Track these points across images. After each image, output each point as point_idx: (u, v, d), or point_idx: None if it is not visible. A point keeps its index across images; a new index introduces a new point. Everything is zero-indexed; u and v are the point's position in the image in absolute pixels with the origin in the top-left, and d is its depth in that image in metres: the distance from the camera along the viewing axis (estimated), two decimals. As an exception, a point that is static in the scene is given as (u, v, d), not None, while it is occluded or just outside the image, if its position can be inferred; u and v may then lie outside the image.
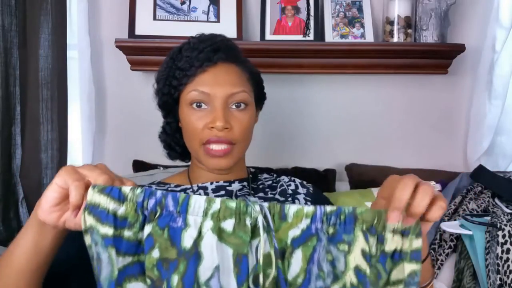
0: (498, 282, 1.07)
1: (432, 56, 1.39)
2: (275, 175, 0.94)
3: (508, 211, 1.23)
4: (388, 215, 0.55)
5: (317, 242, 0.56)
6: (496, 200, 1.30)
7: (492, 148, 1.47)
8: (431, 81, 1.49)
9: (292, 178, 0.93)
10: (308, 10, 1.41)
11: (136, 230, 0.55)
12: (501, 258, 1.08)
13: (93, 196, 0.54)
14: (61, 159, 1.37)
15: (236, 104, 0.81)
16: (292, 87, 1.48)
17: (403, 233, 0.56)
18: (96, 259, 0.54)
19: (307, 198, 0.88)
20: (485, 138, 1.42)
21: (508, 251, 1.08)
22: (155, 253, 0.54)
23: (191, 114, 0.80)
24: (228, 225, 0.55)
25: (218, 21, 1.40)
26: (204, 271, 0.54)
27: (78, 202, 0.54)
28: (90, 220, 0.54)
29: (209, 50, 0.81)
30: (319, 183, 1.19)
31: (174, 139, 0.90)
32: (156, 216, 0.55)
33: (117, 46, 1.35)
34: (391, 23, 1.38)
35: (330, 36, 1.40)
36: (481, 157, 1.44)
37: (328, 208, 0.56)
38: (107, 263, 0.54)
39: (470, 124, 1.47)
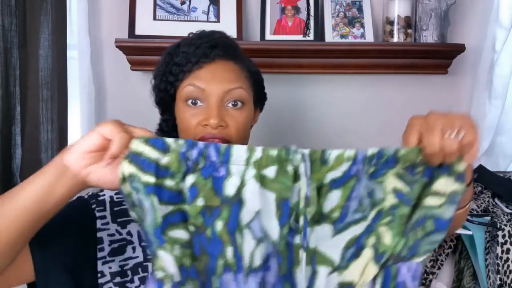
0: (498, 282, 1.07)
1: (432, 56, 1.39)
2: None
3: (508, 211, 1.23)
4: (429, 159, 0.56)
5: (356, 182, 0.57)
6: (496, 200, 1.30)
7: (492, 148, 1.47)
8: (431, 81, 1.49)
9: None
10: (308, 10, 1.41)
11: (178, 180, 0.56)
12: (501, 258, 1.08)
13: (137, 146, 0.55)
14: (61, 159, 1.37)
15: (233, 103, 0.79)
16: (292, 87, 1.48)
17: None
18: (138, 207, 0.55)
19: None
20: (485, 138, 1.42)
21: (508, 251, 1.08)
22: (200, 202, 0.55)
23: (186, 111, 0.79)
24: (270, 172, 0.56)
25: (218, 21, 1.40)
26: (246, 216, 0.56)
27: (118, 151, 0.54)
28: (131, 169, 0.54)
29: (207, 46, 0.80)
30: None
31: (170, 137, 0.90)
32: (199, 166, 0.56)
33: (117, 46, 1.35)
34: (391, 23, 1.38)
35: (330, 36, 1.40)
36: (481, 157, 1.44)
37: (370, 152, 0.57)
38: (150, 210, 0.54)
39: (470, 124, 1.47)
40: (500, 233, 1.09)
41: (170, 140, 0.56)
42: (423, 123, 0.57)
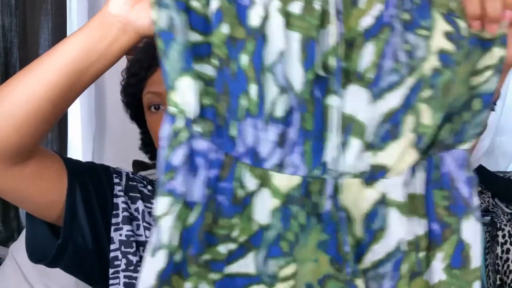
0: (498, 282, 1.07)
1: (432, 56, 1.39)
2: None
3: (508, 211, 1.23)
4: (466, 3, 0.51)
5: (390, 33, 0.50)
6: (496, 200, 1.30)
7: (492, 148, 1.47)
8: (431, 81, 1.49)
9: None
10: (308, 10, 1.41)
11: (203, 2, 0.50)
12: (501, 258, 1.08)
13: None
14: (61, 159, 1.37)
15: None
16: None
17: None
18: (168, 27, 0.49)
19: None
20: (485, 138, 1.42)
21: (508, 251, 1.08)
22: (225, 29, 0.49)
23: (150, 117, 0.77)
24: (296, 7, 0.49)
25: (218, 21, 1.40)
26: (269, 56, 0.49)
27: None
28: None
29: (153, 50, 0.79)
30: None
31: (152, 149, 0.86)
32: None
33: (117, 46, 1.35)
34: (391, 23, 1.38)
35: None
36: (481, 157, 1.44)
37: None
38: (182, 27, 0.49)
39: (470, 124, 1.47)
40: (500, 233, 1.09)
41: None
42: None
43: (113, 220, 0.68)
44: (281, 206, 0.51)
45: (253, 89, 0.50)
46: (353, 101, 0.51)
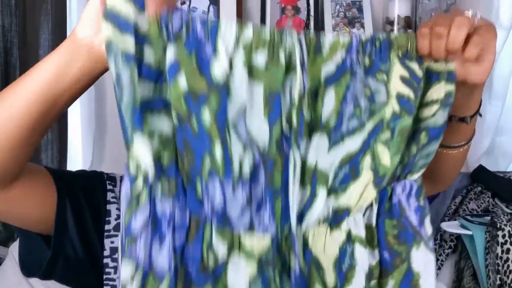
0: (498, 282, 1.07)
1: (432, 56, 1.39)
2: None
3: (508, 211, 1.23)
4: (417, 42, 0.51)
5: (351, 79, 0.50)
6: (496, 200, 1.30)
7: (492, 148, 1.47)
8: (431, 81, 1.49)
9: None
10: (308, 10, 1.41)
11: (158, 51, 0.46)
12: (501, 258, 1.08)
13: (115, 1, 0.45)
14: (61, 159, 1.37)
15: None
16: (292, 87, 1.48)
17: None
18: (116, 81, 0.46)
19: None
20: (485, 138, 1.42)
21: (508, 251, 1.08)
22: (182, 81, 0.46)
23: None
24: (260, 58, 0.47)
25: (218, 21, 1.40)
26: (233, 111, 0.47)
27: None
28: (109, 30, 0.45)
29: None
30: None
31: None
32: (182, 38, 0.46)
33: (117, 46, 1.35)
34: (391, 23, 1.38)
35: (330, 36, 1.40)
36: (481, 157, 1.44)
37: (363, 36, 0.51)
38: (129, 84, 0.46)
39: (470, 124, 1.47)
40: (500, 233, 1.09)
41: None
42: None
43: (106, 227, 0.67)
44: (257, 272, 0.50)
45: (217, 149, 0.47)
46: (316, 151, 0.51)
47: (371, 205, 0.54)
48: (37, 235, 0.63)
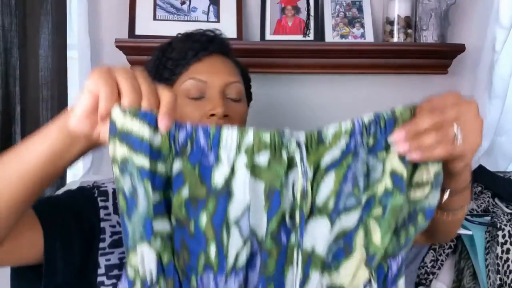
0: (498, 282, 1.07)
1: (432, 56, 1.39)
2: None
3: (508, 211, 1.23)
4: (394, 134, 0.52)
5: (352, 159, 0.52)
6: (496, 200, 1.30)
7: (492, 148, 1.47)
8: (431, 81, 1.49)
9: None
10: (308, 10, 1.41)
11: (169, 165, 0.49)
12: (501, 258, 1.08)
13: (124, 120, 0.46)
14: (61, 159, 1.37)
15: (232, 96, 0.79)
16: (292, 87, 1.48)
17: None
18: (130, 193, 0.48)
19: None
20: (485, 138, 1.42)
21: (508, 251, 1.08)
22: (185, 192, 0.49)
23: (185, 105, 0.77)
24: (263, 158, 0.50)
25: (218, 21, 1.40)
26: (235, 211, 0.50)
27: (106, 112, 0.47)
28: (122, 150, 0.47)
29: (204, 40, 0.80)
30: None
31: None
32: (187, 151, 0.50)
33: (117, 46, 1.35)
34: (391, 23, 1.38)
35: (330, 36, 1.40)
36: (481, 157, 1.44)
37: (366, 118, 0.53)
38: (143, 198, 0.48)
39: (470, 124, 1.47)
40: (500, 233, 1.09)
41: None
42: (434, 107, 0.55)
43: (100, 245, 0.67)
44: None
45: (212, 249, 0.51)
46: (313, 234, 0.53)
47: (369, 281, 0.56)
48: (27, 268, 0.63)
